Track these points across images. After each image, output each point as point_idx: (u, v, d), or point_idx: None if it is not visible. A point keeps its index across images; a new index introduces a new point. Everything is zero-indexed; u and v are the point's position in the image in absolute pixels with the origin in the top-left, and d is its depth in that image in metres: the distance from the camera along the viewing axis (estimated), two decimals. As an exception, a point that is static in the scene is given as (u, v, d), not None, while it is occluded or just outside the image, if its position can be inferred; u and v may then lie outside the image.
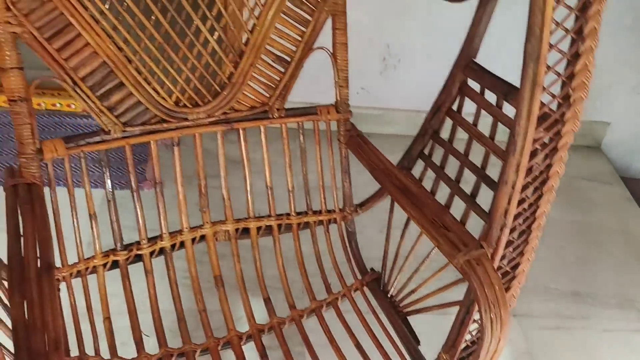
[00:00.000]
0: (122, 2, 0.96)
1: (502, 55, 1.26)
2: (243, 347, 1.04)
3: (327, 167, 1.16)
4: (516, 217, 0.81)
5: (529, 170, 0.76)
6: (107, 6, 0.94)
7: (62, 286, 0.99)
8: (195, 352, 1.02)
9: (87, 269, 1.02)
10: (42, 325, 0.68)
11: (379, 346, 1.03)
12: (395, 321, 1.10)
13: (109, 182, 1.02)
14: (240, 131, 1.11)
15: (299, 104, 1.15)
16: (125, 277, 1.05)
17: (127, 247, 1.06)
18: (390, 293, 1.13)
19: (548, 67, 0.67)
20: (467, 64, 0.90)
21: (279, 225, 1.17)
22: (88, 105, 0.98)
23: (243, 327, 1.07)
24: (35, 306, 0.70)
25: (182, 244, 1.11)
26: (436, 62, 1.28)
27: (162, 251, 1.09)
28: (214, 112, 1.08)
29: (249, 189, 1.14)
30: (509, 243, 0.84)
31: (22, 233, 0.82)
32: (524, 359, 1.51)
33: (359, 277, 1.18)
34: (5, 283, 0.78)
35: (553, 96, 0.71)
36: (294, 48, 1.09)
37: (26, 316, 0.69)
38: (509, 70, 0.86)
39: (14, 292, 0.73)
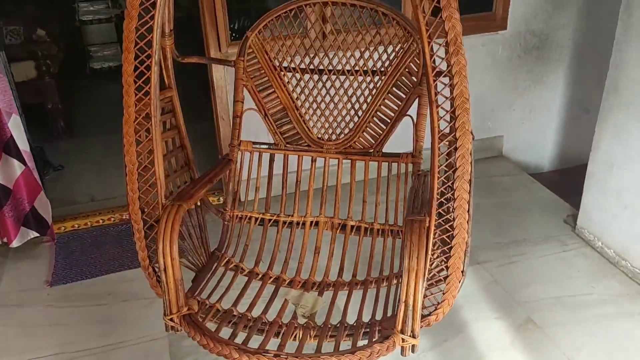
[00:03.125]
0: (300, 78, 1.77)
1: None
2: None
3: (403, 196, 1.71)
4: (445, 199, 1.28)
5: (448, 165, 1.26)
6: (293, 79, 1.78)
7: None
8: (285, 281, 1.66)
9: (246, 217, 1.79)
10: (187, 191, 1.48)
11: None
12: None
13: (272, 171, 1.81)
14: (352, 161, 1.77)
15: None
16: (265, 230, 1.78)
17: (272, 214, 1.80)
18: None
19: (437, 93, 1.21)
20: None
21: (365, 228, 1.76)
22: (270, 127, 1.79)
23: (317, 276, 1.67)
24: (199, 181, 1.51)
25: (303, 224, 1.79)
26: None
27: (290, 224, 1.80)
28: (339, 147, 1.78)
29: (352, 199, 1.77)
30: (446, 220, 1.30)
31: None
32: (492, 286, 2.33)
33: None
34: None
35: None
36: (392, 114, 1.73)
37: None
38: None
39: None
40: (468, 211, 1.29)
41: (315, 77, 1.78)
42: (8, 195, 2.48)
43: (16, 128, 2.40)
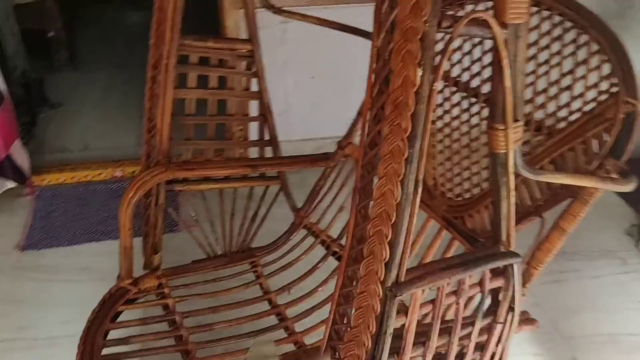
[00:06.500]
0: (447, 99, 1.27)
1: None
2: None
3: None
4: None
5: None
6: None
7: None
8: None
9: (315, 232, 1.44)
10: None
11: None
12: None
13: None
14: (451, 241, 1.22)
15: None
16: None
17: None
18: None
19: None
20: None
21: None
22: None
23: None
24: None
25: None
26: None
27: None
28: (449, 211, 1.24)
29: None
30: None
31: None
32: (533, 309, 1.73)
33: None
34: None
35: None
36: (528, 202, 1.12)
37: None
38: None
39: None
40: None
41: (466, 103, 1.25)
42: (-21, 142, 2.13)
43: None
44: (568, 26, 1.02)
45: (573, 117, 1.01)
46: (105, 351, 1.07)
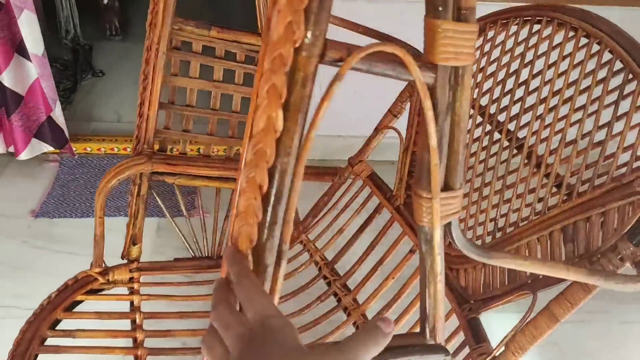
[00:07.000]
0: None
1: None
2: None
3: None
4: None
5: None
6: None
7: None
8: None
9: (309, 251, 1.32)
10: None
11: None
12: None
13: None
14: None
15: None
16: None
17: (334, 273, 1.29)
18: None
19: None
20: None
21: None
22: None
23: None
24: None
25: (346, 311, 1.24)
26: None
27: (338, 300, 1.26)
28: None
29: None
30: None
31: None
32: (551, 348, 1.73)
33: None
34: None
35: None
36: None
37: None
38: None
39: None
40: None
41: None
42: (18, 102, 2.08)
43: (27, 26, 1.98)
44: (617, 68, 0.86)
45: (598, 182, 0.86)
46: (49, 342, 1.00)
